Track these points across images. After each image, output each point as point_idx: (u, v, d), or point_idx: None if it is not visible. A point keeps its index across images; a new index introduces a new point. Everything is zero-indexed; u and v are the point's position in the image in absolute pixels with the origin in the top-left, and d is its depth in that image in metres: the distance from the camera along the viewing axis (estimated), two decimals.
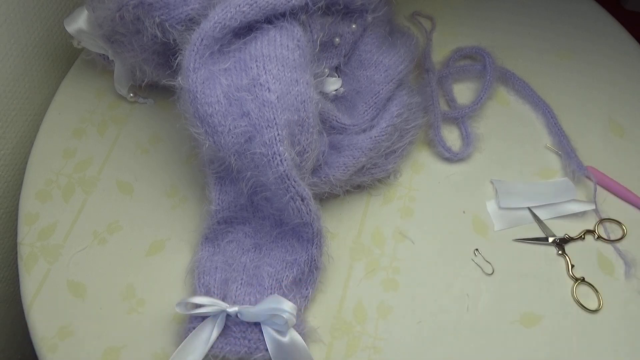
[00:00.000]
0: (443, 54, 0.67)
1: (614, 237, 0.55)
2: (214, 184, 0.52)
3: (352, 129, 0.55)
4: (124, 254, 0.55)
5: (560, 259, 0.54)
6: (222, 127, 0.46)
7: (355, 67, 0.58)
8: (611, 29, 0.69)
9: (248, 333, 0.47)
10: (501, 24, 0.70)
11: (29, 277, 0.54)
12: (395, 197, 0.58)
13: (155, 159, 0.60)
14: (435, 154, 0.60)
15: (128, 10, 0.51)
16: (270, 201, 0.49)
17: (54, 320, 0.52)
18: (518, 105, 0.64)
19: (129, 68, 0.61)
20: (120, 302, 0.52)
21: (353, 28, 0.56)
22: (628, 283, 0.53)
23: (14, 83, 0.63)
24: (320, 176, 0.51)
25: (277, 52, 0.47)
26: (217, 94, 0.47)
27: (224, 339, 0.47)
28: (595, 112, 0.63)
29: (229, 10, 0.46)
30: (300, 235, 0.50)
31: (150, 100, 0.64)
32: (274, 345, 0.46)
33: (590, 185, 0.57)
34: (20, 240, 0.56)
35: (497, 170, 0.59)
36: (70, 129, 0.63)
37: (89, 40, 0.59)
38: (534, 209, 0.57)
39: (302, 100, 0.47)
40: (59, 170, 0.60)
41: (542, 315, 0.51)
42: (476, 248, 0.55)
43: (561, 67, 0.66)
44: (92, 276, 0.54)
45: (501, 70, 0.64)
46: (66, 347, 0.51)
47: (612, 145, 0.60)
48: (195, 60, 0.47)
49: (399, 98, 0.57)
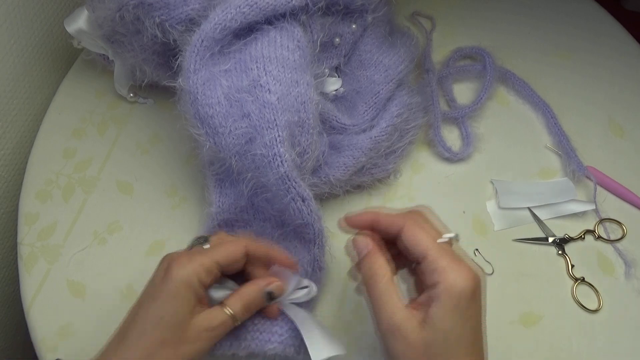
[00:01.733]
0: (443, 54, 0.67)
1: (614, 237, 0.55)
2: (214, 186, 0.52)
3: (352, 129, 0.55)
4: (124, 254, 0.55)
5: (560, 258, 0.54)
6: (223, 129, 0.46)
7: (355, 67, 0.58)
8: (611, 29, 0.69)
9: (260, 326, 0.47)
10: (501, 24, 0.70)
11: (29, 277, 0.54)
12: (395, 197, 0.58)
13: (155, 159, 0.60)
14: (435, 154, 0.60)
15: (128, 10, 0.51)
16: (271, 202, 0.49)
17: (54, 320, 0.52)
18: (518, 105, 0.64)
19: (129, 68, 0.61)
20: (120, 302, 0.52)
21: (353, 28, 0.56)
22: (628, 283, 0.53)
23: (14, 83, 0.63)
24: (320, 176, 0.51)
25: (278, 53, 0.47)
26: (218, 95, 0.47)
27: (234, 336, 0.47)
28: (595, 112, 0.63)
29: (229, 12, 0.46)
30: (302, 236, 0.50)
31: (150, 100, 0.64)
32: (302, 320, 0.46)
33: (590, 185, 0.57)
34: (20, 240, 0.56)
35: (497, 170, 0.59)
36: (70, 129, 0.63)
37: (89, 40, 0.59)
38: (534, 209, 0.57)
39: (303, 101, 0.47)
40: (59, 170, 0.60)
41: (542, 315, 0.51)
42: (476, 248, 0.55)
43: (561, 67, 0.66)
44: (92, 276, 0.54)
45: (501, 70, 0.64)
46: (66, 347, 0.51)
47: (612, 145, 0.60)
48: (196, 61, 0.47)
49: (399, 98, 0.57)
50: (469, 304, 0.37)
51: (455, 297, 0.37)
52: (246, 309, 0.43)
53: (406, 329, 0.37)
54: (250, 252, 0.44)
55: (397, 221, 0.40)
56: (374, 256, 0.41)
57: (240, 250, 0.43)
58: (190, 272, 0.41)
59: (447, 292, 0.37)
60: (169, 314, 0.40)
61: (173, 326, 0.40)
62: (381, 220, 0.41)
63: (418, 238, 0.39)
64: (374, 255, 0.41)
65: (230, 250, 0.43)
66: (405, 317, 0.38)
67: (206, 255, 0.42)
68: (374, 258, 0.40)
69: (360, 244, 0.42)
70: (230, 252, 0.43)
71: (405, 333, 0.37)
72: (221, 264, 0.42)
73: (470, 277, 0.37)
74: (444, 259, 0.38)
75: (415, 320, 0.37)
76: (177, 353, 0.40)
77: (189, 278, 0.41)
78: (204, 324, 0.41)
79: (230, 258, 0.43)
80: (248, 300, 0.43)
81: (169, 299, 0.40)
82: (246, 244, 0.44)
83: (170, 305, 0.40)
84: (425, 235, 0.39)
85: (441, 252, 0.38)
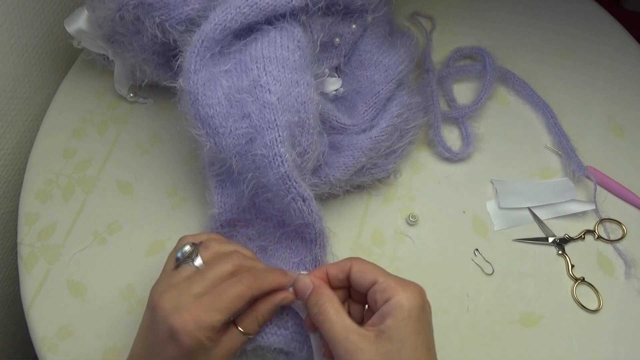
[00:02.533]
0: (443, 54, 0.67)
1: (614, 237, 0.55)
2: (215, 187, 0.52)
3: (352, 129, 0.55)
4: (124, 254, 0.55)
5: (560, 259, 0.54)
6: (223, 129, 0.46)
7: (355, 67, 0.58)
8: (611, 29, 0.69)
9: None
10: (501, 24, 0.70)
11: (29, 277, 0.54)
12: (395, 197, 0.58)
13: (155, 159, 0.60)
14: (435, 154, 0.60)
15: (128, 10, 0.51)
16: (271, 202, 0.49)
17: (54, 320, 0.52)
18: (518, 105, 0.64)
19: (129, 68, 0.61)
20: (120, 302, 0.52)
21: (353, 28, 0.56)
22: (628, 283, 0.53)
23: (14, 83, 0.63)
24: (320, 176, 0.51)
25: (278, 53, 0.47)
26: (218, 96, 0.47)
27: None
28: (595, 112, 0.63)
29: (230, 12, 0.46)
30: (303, 236, 0.50)
31: (150, 100, 0.64)
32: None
33: (590, 185, 0.58)
34: (20, 240, 0.56)
35: (497, 170, 0.59)
36: (70, 129, 0.63)
37: (89, 41, 0.59)
38: (534, 208, 0.57)
39: (303, 102, 0.47)
40: (59, 170, 0.60)
41: (542, 315, 0.51)
42: (476, 248, 0.55)
43: (561, 67, 0.66)
44: (92, 276, 0.54)
45: (501, 70, 0.64)
46: (66, 347, 0.51)
47: (612, 145, 0.60)
48: (196, 62, 0.47)
49: (399, 98, 0.57)
50: (419, 315, 0.39)
51: (407, 309, 0.39)
52: (261, 325, 0.45)
53: (362, 348, 0.39)
54: (256, 293, 0.43)
55: (343, 265, 0.43)
56: (318, 291, 0.42)
57: (246, 292, 0.42)
58: (202, 337, 0.40)
59: (399, 304, 0.39)
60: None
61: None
62: (329, 271, 0.43)
63: (366, 268, 0.42)
64: (317, 290, 0.42)
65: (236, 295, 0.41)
66: (361, 336, 0.39)
67: (212, 311, 0.40)
68: (318, 292, 0.42)
69: (302, 285, 0.43)
70: (237, 297, 0.41)
71: (363, 351, 0.39)
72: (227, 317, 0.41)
73: (418, 291, 0.41)
74: (393, 280, 0.41)
75: (371, 336, 0.39)
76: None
77: (202, 343, 0.40)
78: (224, 352, 0.42)
79: (238, 304, 0.41)
80: (264, 319, 0.44)
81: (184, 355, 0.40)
82: (250, 288, 0.42)
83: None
84: (373, 265, 0.43)
85: (389, 275, 0.42)
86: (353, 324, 0.40)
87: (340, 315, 0.41)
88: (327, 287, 0.43)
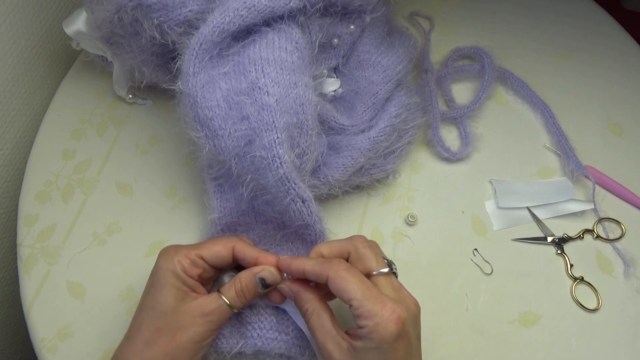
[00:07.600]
0: (442, 54, 0.67)
1: (612, 236, 0.55)
2: (214, 191, 0.52)
3: (351, 129, 0.55)
4: (123, 255, 0.55)
5: (559, 258, 0.54)
6: (222, 131, 0.46)
7: (354, 68, 0.58)
8: (610, 29, 0.69)
9: (267, 324, 0.48)
10: (500, 24, 0.70)
11: (28, 278, 0.54)
12: (394, 198, 0.58)
13: (155, 159, 0.60)
14: (434, 154, 0.60)
15: (126, 12, 0.50)
16: (271, 205, 0.49)
17: (53, 321, 0.52)
18: (517, 105, 0.64)
19: (127, 69, 0.61)
20: (119, 303, 0.53)
21: (351, 29, 0.56)
22: (627, 282, 0.53)
23: (14, 83, 0.63)
24: (319, 177, 0.51)
25: (276, 55, 0.47)
26: (217, 98, 0.47)
27: (241, 334, 0.47)
28: (594, 111, 0.63)
29: (228, 14, 0.46)
30: (303, 238, 0.50)
31: (149, 101, 0.64)
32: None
33: (589, 184, 0.58)
34: (19, 241, 0.56)
35: (496, 170, 0.59)
36: (70, 130, 0.63)
37: (87, 42, 0.59)
38: (533, 208, 0.57)
39: (301, 103, 0.47)
40: (59, 171, 0.60)
41: (541, 315, 0.51)
42: (475, 248, 0.55)
43: (560, 67, 0.66)
44: (91, 277, 0.54)
45: (500, 70, 0.64)
46: (66, 348, 0.51)
47: (611, 145, 0.61)
48: (195, 64, 0.47)
49: (397, 98, 0.57)
50: (392, 346, 0.39)
51: (376, 341, 0.38)
52: (240, 295, 0.44)
53: (335, 357, 0.40)
54: (238, 255, 0.46)
55: (323, 271, 0.41)
56: (298, 296, 0.43)
57: (226, 251, 0.45)
58: (175, 262, 0.44)
59: (369, 336, 0.39)
60: (159, 303, 0.43)
61: (165, 314, 0.42)
62: (308, 272, 0.43)
63: (342, 286, 0.40)
64: (298, 295, 0.43)
65: (217, 249, 0.45)
66: (335, 345, 0.40)
67: (192, 249, 0.45)
68: (299, 298, 0.43)
69: (284, 292, 0.45)
70: (216, 251, 0.45)
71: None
72: (206, 258, 0.45)
73: (395, 318, 0.38)
74: (368, 304, 0.39)
75: (345, 347, 0.40)
76: (173, 339, 0.42)
77: (174, 268, 0.43)
78: (198, 309, 0.43)
79: (215, 256, 0.45)
80: (241, 286, 0.44)
81: (159, 288, 0.43)
82: (235, 246, 0.46)
83: (160, 294, 0.43)
84: (351, 279, 0.40)
85: (366, 296, 0.39)
86: (332, 329, 0.41)
87: (320, 319, 0.42)
88: (306, 291, 0.43)
